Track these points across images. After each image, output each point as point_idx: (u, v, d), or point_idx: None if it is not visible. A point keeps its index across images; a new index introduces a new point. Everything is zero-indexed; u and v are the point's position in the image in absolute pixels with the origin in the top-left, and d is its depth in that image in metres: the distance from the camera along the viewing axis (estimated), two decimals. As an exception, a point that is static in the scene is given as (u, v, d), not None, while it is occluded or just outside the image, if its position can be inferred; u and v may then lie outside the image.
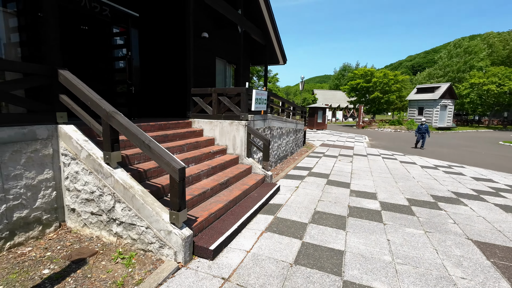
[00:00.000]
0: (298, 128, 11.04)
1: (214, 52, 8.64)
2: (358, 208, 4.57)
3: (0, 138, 2.80)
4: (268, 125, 7.08)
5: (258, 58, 11.87)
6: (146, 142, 2.83)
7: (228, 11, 7.30)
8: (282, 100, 9.49)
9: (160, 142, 4.56)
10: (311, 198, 4.97)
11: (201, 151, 5.03)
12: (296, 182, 6.07)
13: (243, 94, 5.49)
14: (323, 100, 43.55)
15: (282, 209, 4.39)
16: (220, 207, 3.71)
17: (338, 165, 8.25)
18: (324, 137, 17.17)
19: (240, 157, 5.62)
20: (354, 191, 5.55)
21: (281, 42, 11.02)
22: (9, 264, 2.67)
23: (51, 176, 3.28)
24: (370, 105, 34.47)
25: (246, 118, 5.53)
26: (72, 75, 3.28)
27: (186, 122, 5.78)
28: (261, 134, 5.51)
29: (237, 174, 4.87)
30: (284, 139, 8.86)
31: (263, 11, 9.39)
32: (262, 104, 6.26)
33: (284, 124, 8.73)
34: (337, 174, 6.96)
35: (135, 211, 2.94)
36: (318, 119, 25.00)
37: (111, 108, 3.04)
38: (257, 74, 27.04)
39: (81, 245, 3.09)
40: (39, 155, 3.14)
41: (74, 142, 3.22)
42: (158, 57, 7.28)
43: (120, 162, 3.36)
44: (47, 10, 3.22)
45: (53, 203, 3.32)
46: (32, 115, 3.14)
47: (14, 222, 2.96)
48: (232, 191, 4.35)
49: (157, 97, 7.40)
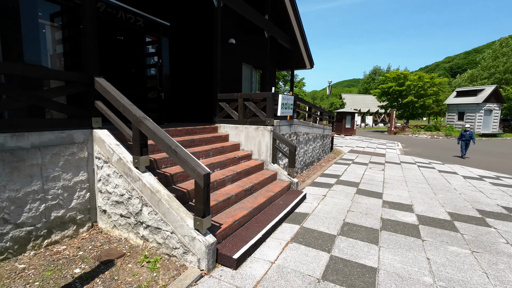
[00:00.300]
0: (325, 134, 10.71)
1: (240, 57, 8.72)
2: (392, 221, 4.23)
3: (42, 142, 3.00)
4: (294, 131, 6.92)
5: (284, 63, 11.79)
6: (173, 147, 2.85)
7: (255, 17, 7.32)
8: (308, 104, 9.27)
9: (187, 146, 4.63)
10: (340, 208, 4.71)
11: (226, 156, 5.02)
12: (323, 190, 5.82)
13: (269, 99, 5.42)
14: (351, 105, 42.11)
15: (308, 218, 4.20)
16: (244, 214, 3.63)
17: (369, 173, 7.80)
18: (353, 143, 16.49)
19: (265, 163, 5.52)
20: (387, 202, 5.17)
21: (308, 46, 10.84)
22: (45, 261, 2.82)
23: (85, 178, 3.44)
24: (403, 110, 32.60)
25: (272, 123, 5.44)
26: (106, 82, 3.44)
27: (212, 127, 5.83)
28: (286, 139, 5.37)
29: (262, 180, 4.78)
30: (311, 145, 8.61)
31: (290, 15, 9.31)
32: (288, 109, 6.14)
33: (311, 130, 8.50)
34: (367, 183, 6.57)
35: (161, 215, 2.97)
36: (346, 124, 24.17)
37: (141, 114, 3.13)
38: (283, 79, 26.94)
39: (110, 246, 3.18)
40: (75, 158, 3.32)
41: (107, 146, 3.36)
42: (187, 64, 7.51)
43: (148, 166, 3.43)
44: (86, 23, 3.43)
45: (86, 204, 3.48)
46: (71, 120, 3.33)
47: (52, 221, 3.13)
48: (257, 198, 4.26)
49: (186, 102, 7.60)
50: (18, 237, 2.85)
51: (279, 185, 5.03)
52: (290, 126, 6.53)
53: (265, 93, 5.57)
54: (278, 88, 27.05)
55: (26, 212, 2.90)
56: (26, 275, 2.59)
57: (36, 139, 2.94)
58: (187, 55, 7.47)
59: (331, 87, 25.94)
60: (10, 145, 2.75)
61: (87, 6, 3.41)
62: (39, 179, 2.98)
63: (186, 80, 7.55)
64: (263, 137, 5.49)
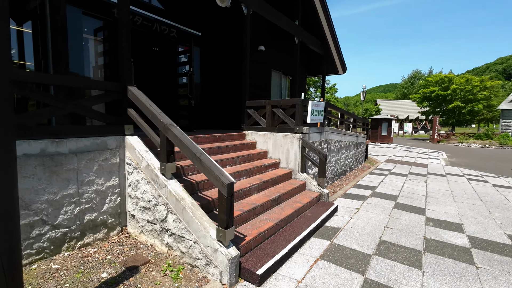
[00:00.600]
0: (359, 142, 10.12)
1: (270, 64, 8.67)
2: (437, 242, 3.73)
3: (79, 148, 3.16)
4: (325, 138, 6.60)
5: (315, 69, 11.50)
6: (197, 155, 2.81)
7: (285, 23, 7.24)
8: (340, 111, 8.85)
9: (214, 154, 4.62)
10: (376, 224, 4.31)
11: (253, 164, 4.91)
12: (356, 203, 5.41)
13: (298, 105, 5.23)
14: (388, 111, 39.79)
15: (340, 234, 3.89)
16: (270, 226, 3.46)
17: (409, 185, 7.13)
18: (390, 152, 15.41)
19: (293, 172, 5.31)
20: (431, 219, 4.62)
21: (340, 50, 10.45)
22: (77, 263, 2.92)
23: (117, 183, 3.56)
24: (447, 116, 29.89)
25: (301, 130, 5.23)
26: (138, 91, 3.56)
27: (240, 134, 5.79)
28: (316, 148, 5.11)
29: (289, 190, 4.57)
30: (343, 154, 8.17)
31: (321, 19, 9.07)
32: (318, 116, 5.88)
33: (343, 137, 8.07)
34: (407, 197, 5.99)
35: (185, 224, 2.93)
36: (383, 132, 22.78)
37: (168, 121, 3.16)
38: (314, 85, 26.42)
39: (137, 252, 3.21)
40: (108, 163, 3.45)
41: (137, 152, 3.45)
42: (216, 72, 7.64)
43: (175, 173, 3.45)
44: (121, 36, 3.60)
45: (117, 208, 3.60)
46: (105, 127, 3.49)
47: (85, 224, 3.27)
48: (284, 209, 4.06)
49: (215, 109, 7.71)
50: (54, 238, 3.00)
51: (308, 196, 4.77)
52: (320, 133, 6.25)
53: (294, 100, 5.39)
54: (308, 94, 26.58)
55: (62, 214, 3.05)
56: (58, 276, 2.69)
57: (73, 145, 3.11)
58: (217, 63, 7.61)
59: (365, 93, 24.80)
60: (51, 151, 2.93)
61: (123, 21, 3.59)
62: (74, 183, 3.14)
63: (216, 87, 7.68)
64: (291, 145, 5.29)
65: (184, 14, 6.69)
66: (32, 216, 2.81)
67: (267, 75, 8.70)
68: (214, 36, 7.56)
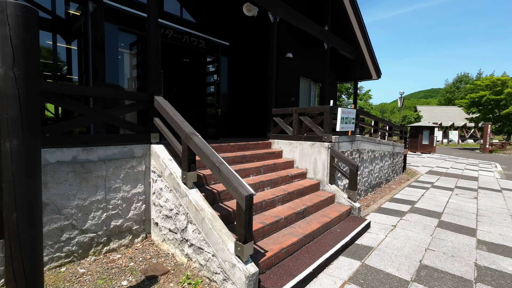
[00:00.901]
0: (396, 151, 9.38)
1: (298, 71, 8.49)
2: (492, 271, 3.18)
3: (107, 155, 3.29)
4: (357, 148, 6.19)
5: (346, 75, 11.04)
6: (217, 165, 2.74)
7: (314, 29, 7.06)
8: (374, 118, 8.30)
9: (238, 163, 4.54)
10: (415, 245, 3.83)
11: (278, 174, 4.74)
12: (392, 219, 4.91)
13: (326, 113, 4.97)
14: (429, 118, 36.81)
15: (372, 254, 3.51)
16: (294, 241, 3.24)
17: (455, 201, 6.35)
18: (432, 163, 14.08)
19: (321, 183, 5.01)
20: (483, 242, 4.00)
21: (374, 55, 9.92)
22: (101, 269, 2.99)
23: (142, 190, 3.64)
24: (501, 123, 26.71)
25: (330, 139, 4.94)
26: (163, 100, 3.63)
27: (265, 142, 5.67)
28: (346, 158, 4.78)
29: (316, 202, 4.30)
30: (377, 164, 7.60)
31: (353, 24, 8.71)
32: (349, 123, 5.53)
33: (377, 147, 7.52)
34: (454, 214, 5.30)
35: (204, 235, 2.85)
36: (424, 140, 21.03)
37: (190, 130, 3.15)
38: (346, 92, 25.48)
39: (158, 261, 3.21)
40: (134, 171, 3.55)
41: (161, 161, 3.49)
42: (244, 81, 7.67)
43: (197, 182, 3.42)
44: (150, 49, 3.74)
45: (142, 215, 3.66)
46: (132, 136, 3.61)
47: (111, 230, 3.36)
48: (310, 223, 3.80)
49: (242, 118, 7.72)
50: (82, 242, 3.12)
51: (337, 210, 4.44)
52: (351, 142, 5.87)
53: (322, 107, 5.15)
54: (340, 101, 25.70)
55: (90, 219, 3.17)
56: (83, 280, 2.76)
57: (102, 153, 3.25)
58: (244, 72, 7.65)
59: (403, 99, 23.24)
60: (81, 158, 3.08)
61: (151, 34, 3.74)
62: (102, 189, 3.25)
63: (243, 96, 7.70)
64: (319, 154, 5.02)
65: (213, 25, 6.86)
66: (63, 220, 2.95)
67: (295, 82, 8.53)
68: (241, 45, 7.63)
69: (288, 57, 7.66)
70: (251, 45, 7.50)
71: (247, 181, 4.02)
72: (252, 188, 3.97)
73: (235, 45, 7.50)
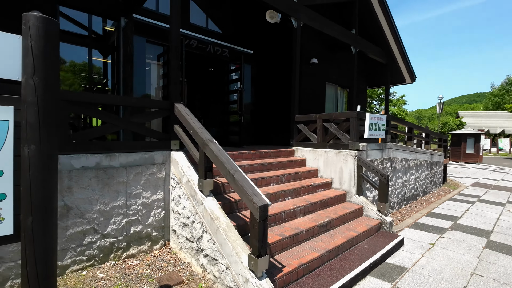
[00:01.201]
0: (435, 161, 8.57)
1: (323, 77, 8.23)
2: (561, 306, 2.63)
3: (128, 162, 3.37)
4: (388, 156, 5.73)
5: (376, 79, 10.49)
6: (231, 172, 2.64)
7: (340, 33, 6.81)
8: (409, 125, 7.69)
9: (258, 171, 4.42)
10: (458, 268, 3.35)
11: (301, 183, 4.51)
12: (430, 236, 4.40)
13: (352, 119, 4.67)
14: (474, 125, 33.58)
15: (406, 275, 3.12)
16: (315, 256, 3.00)
17: (508, 218, 5.55)
18: (479, 174, 12.66)
19: (348, 193, 4.68)
20: (547, 270, 3.37)
21: (407, 57, 9.30)
22: (119, 274, 3.01)
23: (161, 197, 3.66)
24: None
25: (356, 147, 4.62)
26: (183, 107, 3.66)
27: (288, 150, 5.48)
28: (376, 167, 4.41)
29: (342, 215, 3.99)
30: (413, 174, 6.97)
31: (383, 25, 8.28)
32: (379, 130, 5.15)
33: (412, 155, 6.92)
34: (506, 234, 4.61)
35: (218, 246, 2.74)
36: (468, 149, 19.13)
37: (207, 136, 3.11)
38: (377, 98, 24.26)
39: (174, 269, 3.16)
40: (154, 177, 3.59)
41: (179, 168, 3.49)
42: (267, 88, 7.61)
43: (215, 190, 3.36)
44: (171, 59, 3.83)
45: (161, 222, 3.67)
46: (153, 142, 3.67)
47: (131, 235, 3.40)
48: (334, 237, 3.52)
49: (266, 125, 7.62)
50: (103, 246, 3.18)
51: (365, 224, 4.08)
52: (381, 150, 5.45)
53: (348, 113, 4.86)
54: (371, 108, 24.52)
55: (111, 224, 3.24)
56: (101, 285, 2.79)
57: (124, 159, 3.33)
58: (268, 79, 7.59)
59: (442, 104, 21.50)
60: (104, 164, 3.18)
61: (172, 45, 3.84)
62: (123, 195, 3.32)
63: (266, 103, 7.62)
64: (345, 163, 4.71)
65: (236, 34, 6.95)
66: (85, 224, 3.05)
67: (321, 88, 8.26)
68: (265, 53, 7.61)
69: (313, 62, 7.46)
70: (274, 52, 7.44)
71: (267, 190, 3.86)
72: (272, 198, 3.83)
73: (258, 52, 7.50)
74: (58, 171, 2.82)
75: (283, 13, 5.66)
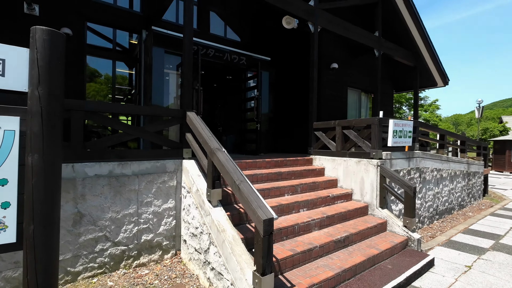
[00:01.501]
0: (472, 171, 7.77)
1: (345, 82, 7.89)
2: None
3: (140, 170, 3.40)
4: (416, 166, 5.26)
5: (404, 83, 9.88)
6: (237, 183, 2.52)
7: (362, 36, 6.53)
8: (440, 131, 7.07)
9: (272, 180, 4.26)
10: (500, 297, 2.89)
11: (318, 194, 4.26)
12: (467, 257, 3.90)
13: (374, 126, 4.36)
14: (520, 131, 30.32)
15: (435, 303, 2.75)
16: (329, 276, 2.75)
17: None
18: (527, 186, 11.29)
19: (369, 206, 4.33)
20: None
21: (438, 59, 8.66)
22: (127, 284, 2.99)
23: (173, 205, 3.64)
24: None
25: (379, 155, 4.29)
26: (195, 116, 3.65)
27: (306, 159, 5.26)
28: (401, 178, 4.04)
29: (362, 230, 3.68)
30: (446, 186, 6.35)
31: (409, 26, 7.81)
32: (404, 137, 4.75)
33: (445, 165, 6.32)
34: (563, 258, 3.95)
35: (224, 260, 2.62)
36: (513, 158, 17.27)
37: (215, 145, 3.04)
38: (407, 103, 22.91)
39: (182, 281, 3.08)
40: (166, 186, 3.58)
41: (190, 176, 3.45)
42: (286, 95, 7.46)
43: (224, 200, 3.26)
44: (184, 66, 3.87)
45: (172, 231, 3.64)
46: (165, 151, 3.69)
47: (142, 244, 3.40)
48: (352, 254, 3.23)
49: (284, 133, 7.45)
50: (114, 254, 3.20)
51: (389, 240, 3.72)
52: (408, 159, 5.02)
53: (369, 119, 4.55)
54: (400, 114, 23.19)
55: (122, 232, 3.26)
56: (109, 294, 2.79)
57: (136, 168, 3.37)
58: (286, 86, 7.46)
59: (482, 109, 19.74)
60: (116, 172, 3.23)
61: (185, 56, 3.88)
62: (135, 203, 3.34)
63: (285, 110, 7.47)
64: (366, 173, 4.38)
65: (254, 42, 6.94)
66: (97, 232, 3.09)
67: (342, 94, 7.92)
68: (283, 59, 7.50)
69: (333, 67, 7.20)
70: (292, 58, 7.31)
71: (280, 201, 3.69)
72: (285, 209, 3.64)
73: (276, 59, 7.41)
74: (73, 179, 2.92)
75: (300, 18, 5.54)
